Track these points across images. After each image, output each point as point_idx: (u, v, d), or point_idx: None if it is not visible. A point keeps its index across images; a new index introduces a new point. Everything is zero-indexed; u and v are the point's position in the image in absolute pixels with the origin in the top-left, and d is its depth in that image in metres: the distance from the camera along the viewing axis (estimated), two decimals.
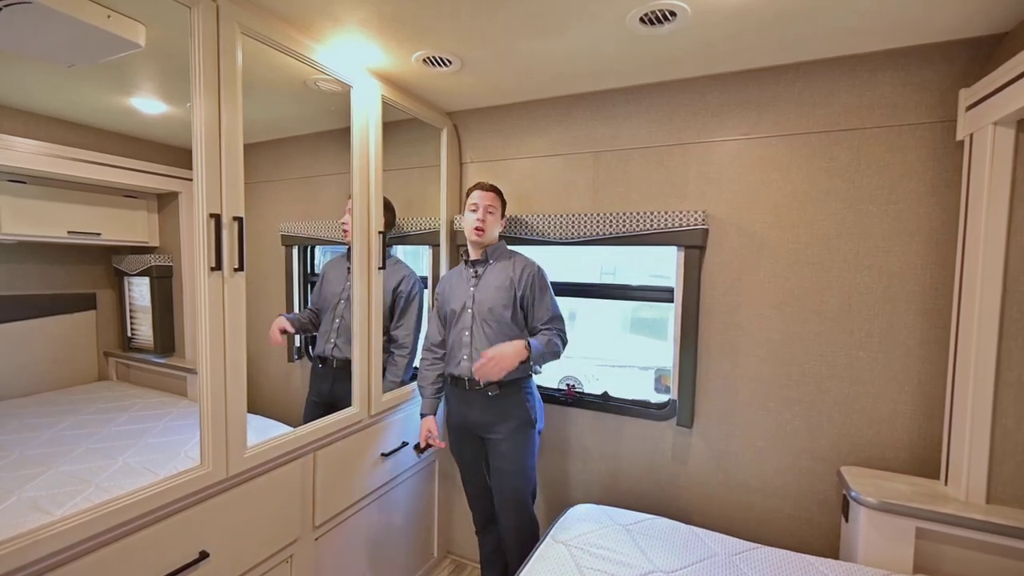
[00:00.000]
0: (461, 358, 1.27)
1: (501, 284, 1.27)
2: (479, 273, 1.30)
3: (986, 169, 0.98)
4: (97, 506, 0.72)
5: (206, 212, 0.85)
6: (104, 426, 1.15)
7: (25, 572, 0.65)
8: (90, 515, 0.71)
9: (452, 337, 1.30)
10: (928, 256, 1.13)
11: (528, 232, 1.48)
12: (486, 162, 1.60)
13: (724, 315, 1.32)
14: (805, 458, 1.24)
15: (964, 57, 1.06)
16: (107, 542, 0.74)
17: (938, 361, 1.12)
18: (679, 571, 0.99)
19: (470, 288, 1.29)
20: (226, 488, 0.90)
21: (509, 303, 1.25)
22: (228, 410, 0.89)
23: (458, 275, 1.35)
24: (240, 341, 0.91)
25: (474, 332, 1.26)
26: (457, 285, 1.33)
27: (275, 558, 1.03)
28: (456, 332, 1.29)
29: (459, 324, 1.29)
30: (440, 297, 1.36)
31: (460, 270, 1.35)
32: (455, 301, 1.31)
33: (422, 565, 1.60)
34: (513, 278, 1.27)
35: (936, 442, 1.12)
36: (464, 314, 1.28)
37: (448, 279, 1.37)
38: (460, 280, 1.33)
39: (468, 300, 1.28)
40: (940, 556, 1.02)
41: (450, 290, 1.33)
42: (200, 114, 0.83)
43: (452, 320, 1.31)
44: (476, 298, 1.27)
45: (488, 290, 1.27)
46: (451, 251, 1.62)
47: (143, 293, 1.30)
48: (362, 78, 1.20)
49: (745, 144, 1.27)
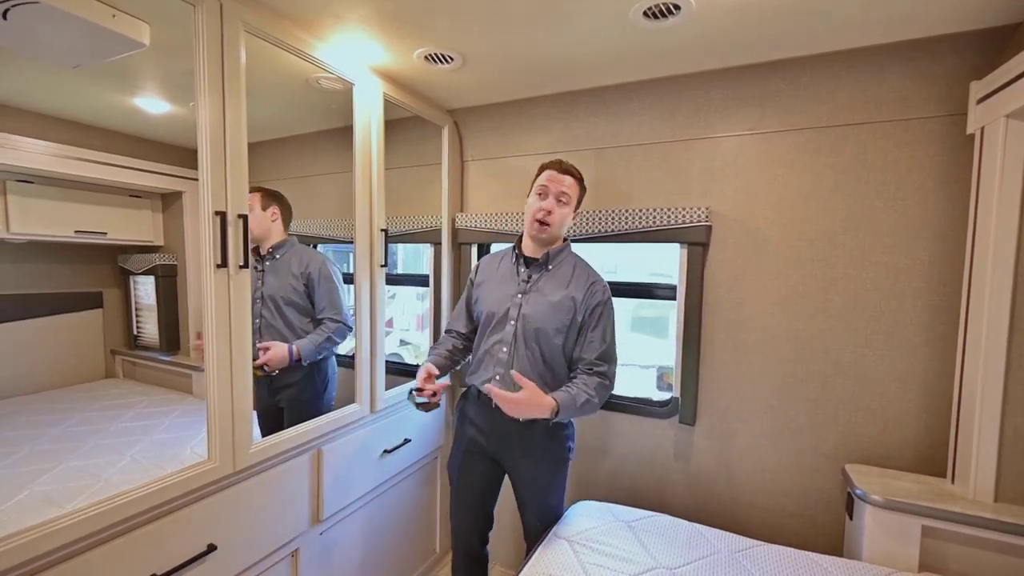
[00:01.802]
0: (492, 376, 1.04)
1: (560, 302, 1.02)
2: (532, 278, 1.05)
3: (998, 163, 0.96)
4: (107, 499, 0.74)
5: (212, 210, 0.85)
6: (111, 422, 1.17)
7: (40, 562, 0.67)
8: (101, 508, 0.73)
9: (483, 344, 1.07)
10: (935, 252, 1.11)
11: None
12: (488, 160, 1.60)
13: (727, 312, 1.31)
14: (809, 456, 1.24)
15: (974, 49, 1.04)
16: (118, 534, 0.75)
17: (945, 358, 1.11)
18: (682, 568, 0.99)
19: (518, 295, 1.05)
20: (233, 483, 0.92)
21: (563, 328, 1.01)
22: (235, 405, 0.90)
23: (505, 270, 1.09)
24: (246, 337, 0.92)
25: (515, 351, 1.03)
26: (502, 284, 1.07)
27: (281, 551, 1.04)
28: (490, 342, 1.05)
29: (496, 335, 1.05)
30: (477, 288, 1.12)
31: (508, 263, 1.09)
32: (495, 303, 1.06)
33: (425, 560, 1.61)
34: (576, 298, 1.02)
35: (942, 440, 1.11)
36: (506, 325, 1.04)
37: (490, 267, 1.11)
38: (506, 278, 1.08)
39: (514, 309, 1.04)
40: (946, 554, 1.01)
41: (492, 286, 1.08)
42: (205, 112, 0.84)
43: (486, 324, 1.07)
44: (523, 311, 1.03)
45: (541, 305, 1.03)
46: (453, 249, 1.62)
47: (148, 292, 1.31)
48: (364, 76, 1.20)
49: (749, 140, 1.26)
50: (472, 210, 1.63)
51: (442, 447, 1.64)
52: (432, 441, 1.57)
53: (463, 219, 1.58)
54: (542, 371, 1.05)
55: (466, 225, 1.57)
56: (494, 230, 1.52)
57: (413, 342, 2.09)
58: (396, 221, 1.55)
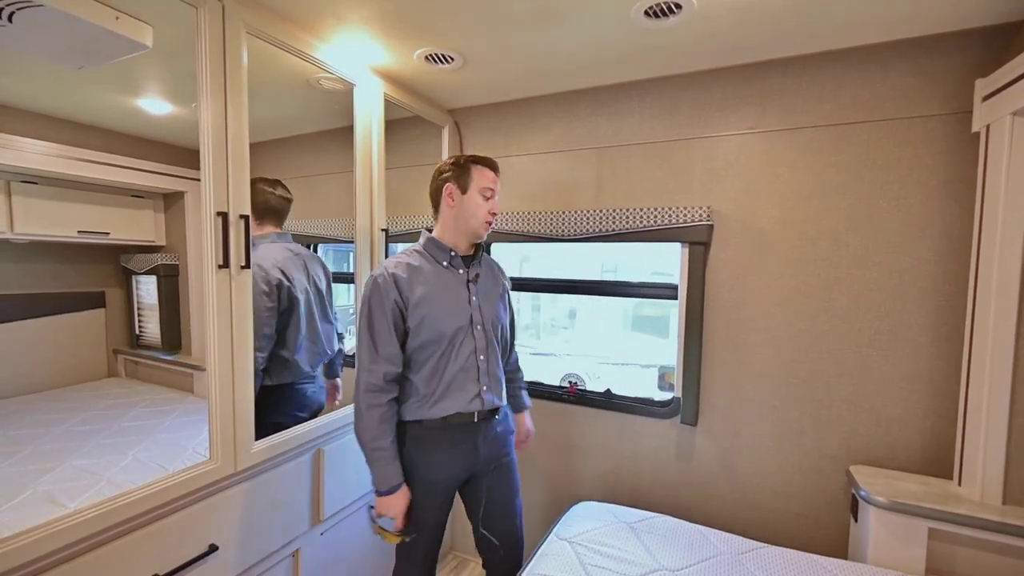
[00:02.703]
0: (475, 393, 0.96)
1: (501, 294, 1.04)
2: (473, 277, 0.99)
3: (1004, 161, 0.95)
4: (109, 500, 0.74)
5: (214, 210, 0.86)
6: (114, 421, 1.18)
7: (43, 563, 0.67)
8: (103, 508, 0.73)
9: (450, 364, 0.94)
10: (940, 252, 1.10)
11: (531, 229, 1.48)
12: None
13: (729, 312, 1.30)
14: (813, 457, 1.22)
15: (979, 46, 1.03)
16: (121, 534, 0.75)
17: (950, 359, 1.09)
18: (684, 569, 0.98)
19: (472, 297, 0.98)
20: (234, 483, 0.92)
21: (507, 318, 1.05)
22: (236, 406, 0.90)
23: (444, 277, 0.97)
24: (247, 337, 0.92)
25: (489, 355, 0.98)
26: (449, 293, 0.96)
27: (282, 551, 1.04)
28: (463, 357, 0.95)
29: (466, 347, 0.96)
30: (417, 308, 0.92)
31: (439, 268, 0.97)
32: (451, 317, 0.94)
33: None
34: (504, 284, 1.08)
35: (948, 441, 1.10)
36: (474, 332, 0.97)
37: (418, 280, 0.94)
38: (451, 285, 0.97)
39: (475, 314, 0.97)
40: (953, 557, 0.99)
41: (440, 300, 0.94)
42: (207, 113, 0.85)
43: (447, 341, 0.94)
44: (483, 312, 0.98)
45: (489, 300, 1.01)
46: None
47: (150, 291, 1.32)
48: (365, 76, 1.21)
49: (750, 139, 1.26)
50: None
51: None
52: None
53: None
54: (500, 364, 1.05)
55: None
56: (496, 230, 1.52)
57: None
58: (396, 221, 1.56)
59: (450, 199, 0.97)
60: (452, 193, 0.97)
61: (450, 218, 0.98)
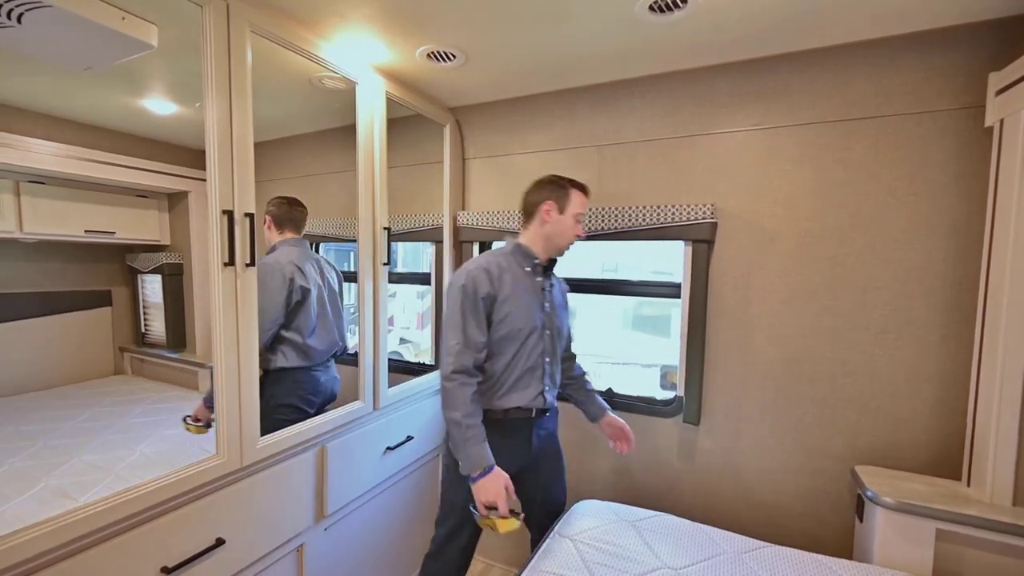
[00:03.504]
0: (538, 391, 1.07)
1: (564, 304, 1.15)
2: (548, 286, 1.10)
3: (1018, 155, 0.93)
4: (118, 494, 0.75)
5: (219, 209, 0.86)
6: (121, 418, 1.19)
7: (53, 555, 0.68)
8: (112, 502, 0.74)
9: (519, 360, 1.04)
10: (950, 250, 1.08)
11: None
12: (489, 157, 1.59)
13: (732, 310, 1.29)
14: (818, 457, 1.21)
15: (993, 39, 1.01)
16: (129, 527, 0.76)
17: (959, 358, 1.08)
18: (687, 568, 0.98)
19: (545, 303, 1.09)
20: (240, 477, 0.93)
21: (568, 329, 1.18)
22: (242, 402, 0.91)
23: (525, 281, 1.06)
24: (252, 334, 0.93)
25: (554, 359, 1.10)
26: (528, 296, 1.05)
27: (286, 546, 1.05)
28: (533, 356, 1.05)
29: (536, 348, 1.06)
30: (503, 304, 1.01)
31: (521, 272, 1.06)
32: (526, 318, 1.03)
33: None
34: (567, 295, 1.17)
35: (956, 442, 1.08)
36: (543, 335, 1.07)
37: (505, 280, 1.03)
38: (529, 290, 1.06)
39: (545, 320, 1.08)
40: (962, 559, 0.98)
41: (521, 300, 1.03)
42: (212, 112, 0.85)
43: (520, 339, 1.04)
44: (553, 319, 1.10)
45: (557, 309, 1.13)
46: (454, 247, 1.62)
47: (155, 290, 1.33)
48: (367, 75, 1.21)
49: (755, 135, 1.24)
50: (474, 208, 1.63)
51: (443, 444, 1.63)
52: (434, 438, 1.57)
53: (464, 217, 1.58)
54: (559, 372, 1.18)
55: (467, 223, 1.57)
56: (495, 228, 1.52)
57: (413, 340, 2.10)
58: (398, 220, 1.56)
59: (547, 216, 1.07)
60: (551, 211, 1.07)
61: (542, 232, 1.09)
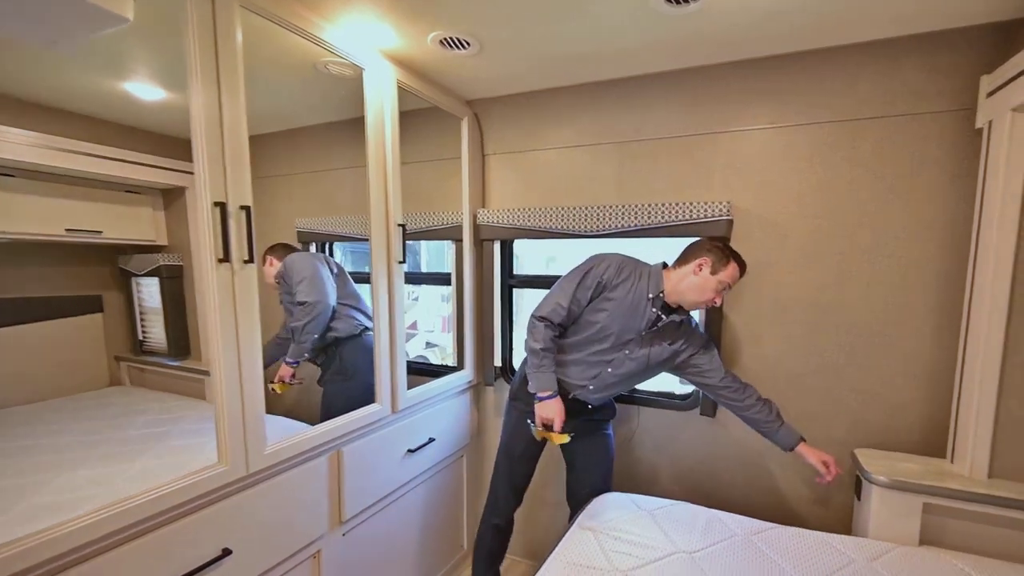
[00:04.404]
0: (581, 385, 1.18)
1: (672, 350, 1.17)
2: (658, 320, 1.15)
3: (1003, 156, 0.98)
4: (114, 504, 0.70)
5: (210, 201, 0.79)
6: (120, 431, 1.12)
7: (45, 568, 0.64)
8: (105, 513, 0.69)
9: (587, 350, 1.16)
10: (944, 245, 1.15)
11: (554, 225, 1.45)
12: (510, 153, 1.55)
13: (747, 306, 1.33)
14: (822, 442, 1.28)
15: (987, 42, 1.05)
16: (125, 540, 0.72)
17: (950, 348, 1.16)
18: (700, 551, 1.03)
19: (643, 331, 1.14)
20: (247, 486, 0.89)
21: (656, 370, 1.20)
22: (245, 407, 0.87)
23: (636, 301, 1.13)
24: (254, 336, 0.87)
25: (618, 377, 1.17)
26: (630, 312, 1.13)
27: (301, 554, 1.03)
28: (597, 355, 1.16)
29: (609, 355, 1.15)
30: (609, 294, 1.13)
31: (640, 297, 1.13)
32: (621, 328, 1.13)
33: (452, 558, 1.63)
34: (678, 349, 1.17)
35: (945, 424, 1.17)
36: (621, 353, 1.15)
37: (624, 286, 1.13)
38: (635, 310, 1.13)
39: (635, 342, 1.15)
40: (944, 529, 1.08)
41: (621, 309, 1.13)
42: (198, 95, 0.77)
43: (599, 337, 1.15)
44: (642, 350, 1.15)
45: (659, 347, 1.16)
46: (474, 246, 1.57)
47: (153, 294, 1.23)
48: (375, 61, 1.14)
49: (770, 133, 1.26)
50: (494, 206, 1.59)
51: (467, 446, 1.63)
52: (458, 440, 1.56)
53: (485, 215, 1.54)
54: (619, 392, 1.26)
55: (488, 221, 1.54)
56: (518, 226, 1.49)
57: (440, 344, 2.06)
58: (415, 218, 1.50)
59: (698, 268, 1.11)
60: (703, 266, 1.11)
61: (684, 279, 1.12)
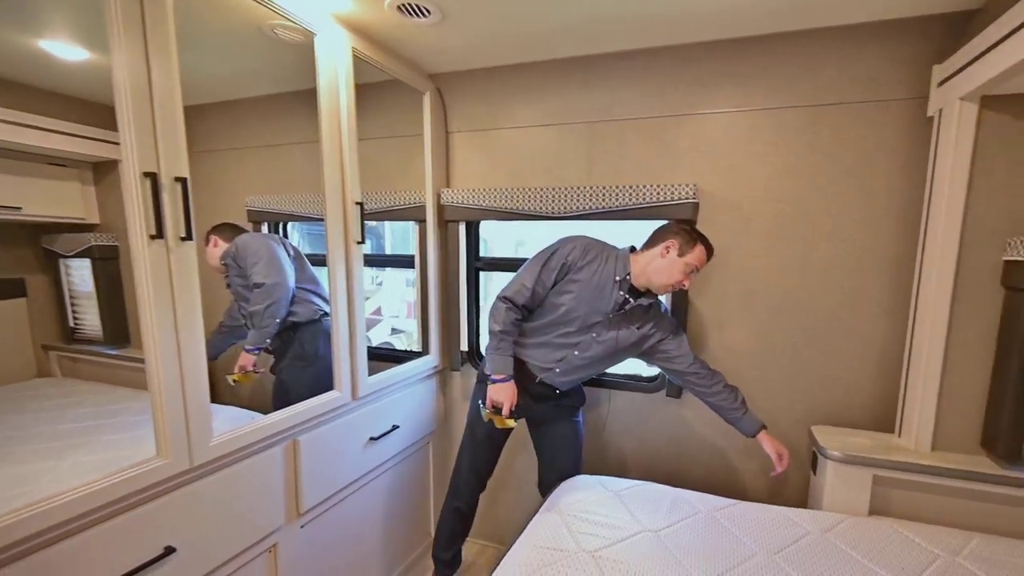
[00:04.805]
0: (547, 367, 1.17)
1: (640, 333, 1.16)
2: (625, 304, 1.13)
3: (951, 144, 1.02)
4: (34, 503, 0.64)
5: (138, 171, 0.72)
6: (50, 425, 1.02)
7: None
8: (26, 513, 0.63)
9: (550, 332, 1.15)
10: (896, 230, 1.19)
11: (520, 207, 1.42)
12: (475, 131, 1.50)
13: (713, 288, 1.35)
14: (783, 421, 1.33)
15: (940, 33, 1.08)
16: (50, 542, 0.66)
17: (900, 328, 1.21)
18: (665, 529, 1.05)
19: (611, 314, 1.13)
20: (192, 479, 0.84)
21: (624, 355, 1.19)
22: (187, 396, 0.81)
23: (602, 283, 1.12)
24: (195, 319, 0.81)
25: (586, 360, 1.16)
26: (596, 295, 1.12)
27: (256, 548, 0.98)
28: (563, 338, 1.15)
29: (574, 338, 1.14)
30: (574, 274, 1.12)
31: (606, 279, 1.12)
32: (587, 311, 1.12)
33: (419, 545, 1.61)
34: (646, 333, 1.16)
35: (895, 400, 1.22)
36: (588, 336, 1.14)
37: (590, 268, 1.12)
38: (602, 291, 1.12)
39: (599, 328, 1.14)
40: (890, 499, 1.14)
41: (587, 291, 1.12)
42: (121, 53, 0.69)
43: (564, 321, 1.14)
44: (609, 333, 1.14)
45: (627, 330, 1.15)
46: (439, 227, 1.53)
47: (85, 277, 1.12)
48: (328, 25, 1.06)
49: (736, 117, 1.26)
50: (459, 186, 1.54)
51: (434, 432, 1.60)
52: (424, 426, 1.53)
53: (449, 195, 1.49)
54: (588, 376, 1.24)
55: (452, 202, 1.49)
56: (483, 207, 1.45)
57: (406, 330, 2.00)
58: (376, 197, 1.43)
59: (666, 251, 1.10)
60: (671, 248, 1.10)
61: (651, 262, 1.11)
